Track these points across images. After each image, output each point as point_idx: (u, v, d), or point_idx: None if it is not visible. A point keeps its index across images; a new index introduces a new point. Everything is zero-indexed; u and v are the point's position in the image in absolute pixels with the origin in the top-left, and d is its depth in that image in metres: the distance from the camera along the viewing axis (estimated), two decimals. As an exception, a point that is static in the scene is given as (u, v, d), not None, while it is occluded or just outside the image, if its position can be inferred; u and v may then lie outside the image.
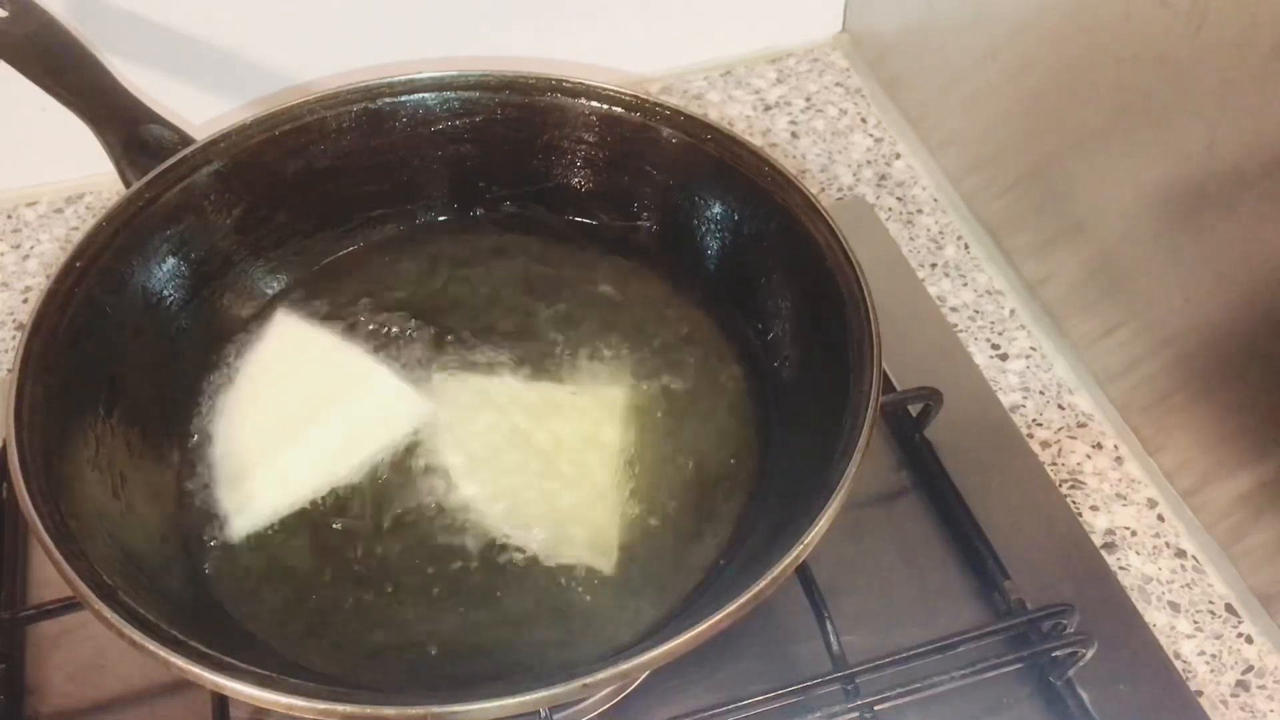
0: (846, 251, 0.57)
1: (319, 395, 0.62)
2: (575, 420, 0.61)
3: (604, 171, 0.69)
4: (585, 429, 0.61)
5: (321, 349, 0.64)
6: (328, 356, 0.64)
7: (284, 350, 0.65)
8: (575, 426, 0.61)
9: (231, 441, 0.61)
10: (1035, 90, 0.72)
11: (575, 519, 0.58)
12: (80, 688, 0.58)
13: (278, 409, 0.62)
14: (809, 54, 0.96)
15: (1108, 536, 0.66)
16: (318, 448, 0.60)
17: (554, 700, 0.45)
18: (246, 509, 0.58)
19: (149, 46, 0.80)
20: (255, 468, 0.59)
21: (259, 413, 0.62)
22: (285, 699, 0.44)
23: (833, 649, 0.56)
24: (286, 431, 0.61)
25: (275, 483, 0.59)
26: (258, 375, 0.63)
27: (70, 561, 0.47)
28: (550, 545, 0.57)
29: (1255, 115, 0.56)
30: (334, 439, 0.60)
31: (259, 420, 0.61)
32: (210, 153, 0.63)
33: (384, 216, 0.71)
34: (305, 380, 0.63)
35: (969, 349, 0.75)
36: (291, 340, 0.65)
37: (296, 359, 0.64)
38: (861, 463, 0.50)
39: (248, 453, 0.60)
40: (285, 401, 0.62)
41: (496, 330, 0.66)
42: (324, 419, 0.61)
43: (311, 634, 0.54)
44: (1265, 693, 0.60)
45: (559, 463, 0.60)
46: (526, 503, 0.58)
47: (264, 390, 0.63)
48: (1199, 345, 0.63)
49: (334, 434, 0.60)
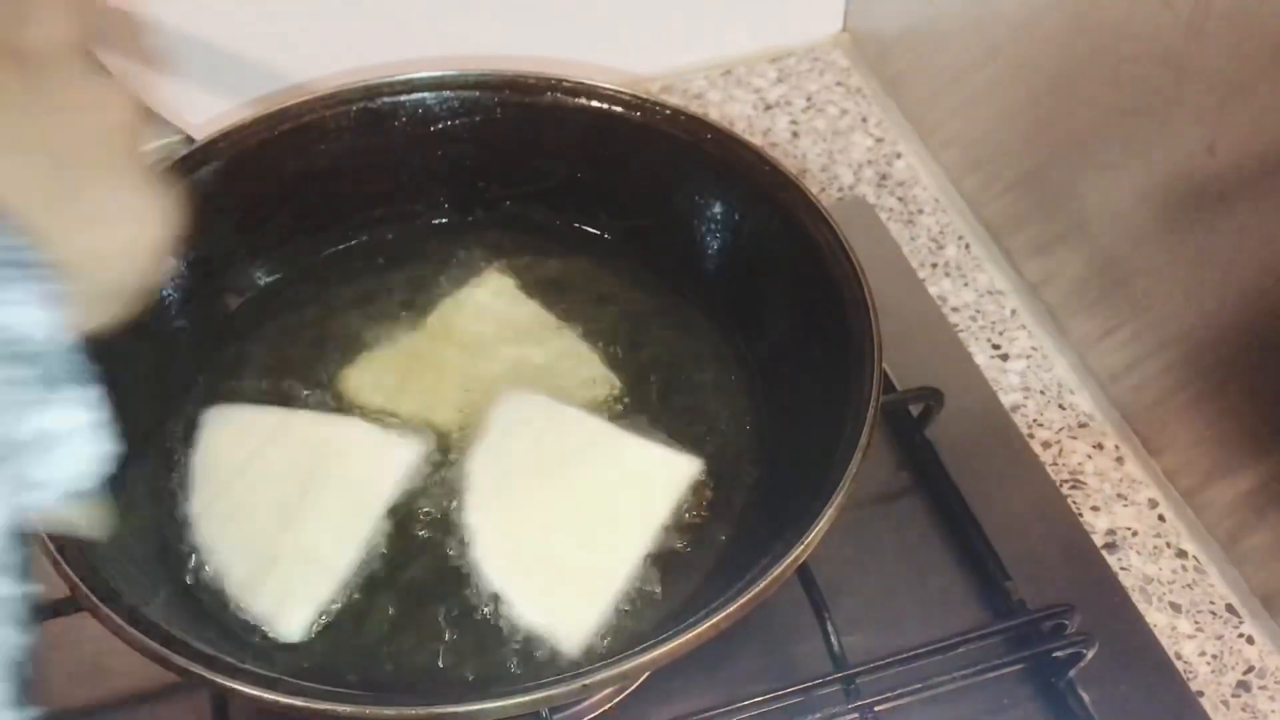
0: (847, 251, 0.57)
1: (296, 473, 0.58)
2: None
3: (604, 171, 0.69)
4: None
5: (271, 427, 0.60)
6: (284, 432, 0.60)
7: (232, 439, 0.60)
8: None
9: (228, 548, 0.56)
10: (1036, 90, 0.72)
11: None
12: (80, 688, 0.58)
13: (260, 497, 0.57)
14: (809, 53, 0.96)
15: (1109, 537, 0.66)
16: (326, 520, 0.56)
17: (554, 700, 0.45)
18: (288, 610, 0.54)
19: (149, 46, 0.80)
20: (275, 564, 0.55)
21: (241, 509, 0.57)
22: (285, 699, 0.44)
23: (833, 649, 0.56)
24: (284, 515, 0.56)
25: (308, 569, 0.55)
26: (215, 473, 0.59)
27: (70, 561, 0.47)
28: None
29: (1255, 115, 0.55)
30: (335, 507, 0.57)
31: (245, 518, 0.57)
32: (210, 153, 0.63)
33: (384, 216, 0.71)
34: (273, 462, 0.59)
35: (970, 349, 0.74)
36: (235, 428, 0.61)
37: (251, 444, 0.59)
38: (861, 463, 0.50)
39: (256, 553, 0.55)
40: (266, 488, 0.58)
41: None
42: (316, 491, 0.57)
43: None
44: (1266, 693, 0.60)
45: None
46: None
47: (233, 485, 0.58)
48: (1200, 345, 0.63)
49: (334, 501, 0.57)
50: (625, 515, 0.58)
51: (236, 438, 0.60)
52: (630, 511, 0.58)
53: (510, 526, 0.57)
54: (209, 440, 0.60)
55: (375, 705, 0.44)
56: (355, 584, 0.56)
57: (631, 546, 0.56)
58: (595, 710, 0.57)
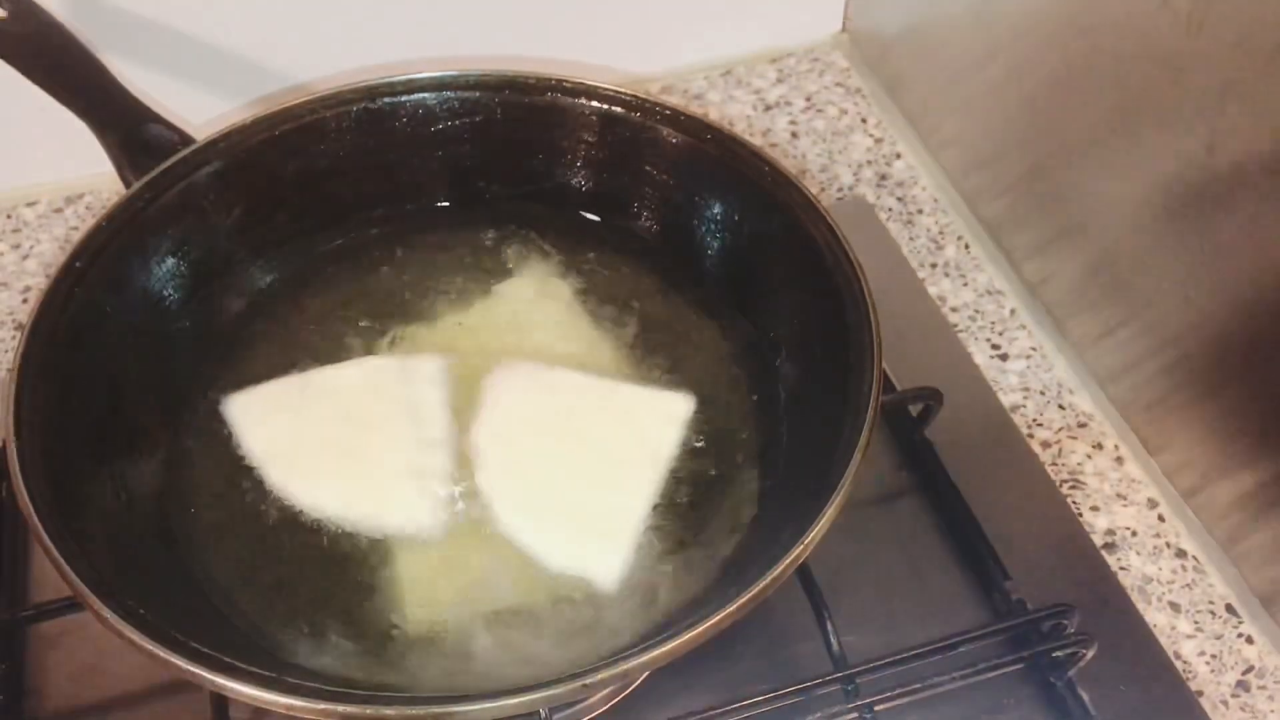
0: (847, 251, 0.57)
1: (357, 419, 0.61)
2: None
3: (604, 171, 0.69)
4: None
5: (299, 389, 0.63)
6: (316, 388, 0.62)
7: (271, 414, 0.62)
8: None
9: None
10: (1036, 90, 0.72)
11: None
12: (80, 688, 0.58)
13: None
14: (809, 54, 0.96)
15: (1108, 536, 0.66)
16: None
17: (554, 700, 0.45)
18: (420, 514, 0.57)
19: (149, 46, 0.80)
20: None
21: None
22: (285, 699, 0.44)
23: (833, 649, 0.56)
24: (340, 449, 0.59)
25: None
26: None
27: (70, 561, 0.47)
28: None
29: (1255, 115, 0.56)
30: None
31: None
32: (210, 153, 0.63)
33: (384, 216, 0.70)
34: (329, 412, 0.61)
35: (969, 349, 0.74)
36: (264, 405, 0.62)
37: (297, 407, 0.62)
38: (861, 463, 0.50)
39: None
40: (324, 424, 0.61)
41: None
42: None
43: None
44: (1266, 693, 0.60)
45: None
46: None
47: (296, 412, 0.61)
48: (1200, 345, 0.63)
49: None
50: (633, 455, 0.59)
51: (274, 414, 0.61)
52: (637, 452, 0.59)
53: (526, 485, 0.58)
54: (249, 426, 0.61)
55: (375, 705, 0.44)
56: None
57: (645, 482, 0.58)
58: (595, 710, 0.57)
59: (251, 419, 0.61)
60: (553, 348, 0.65)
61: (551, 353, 0.65)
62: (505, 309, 0.67)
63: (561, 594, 0.55)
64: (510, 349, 0.65)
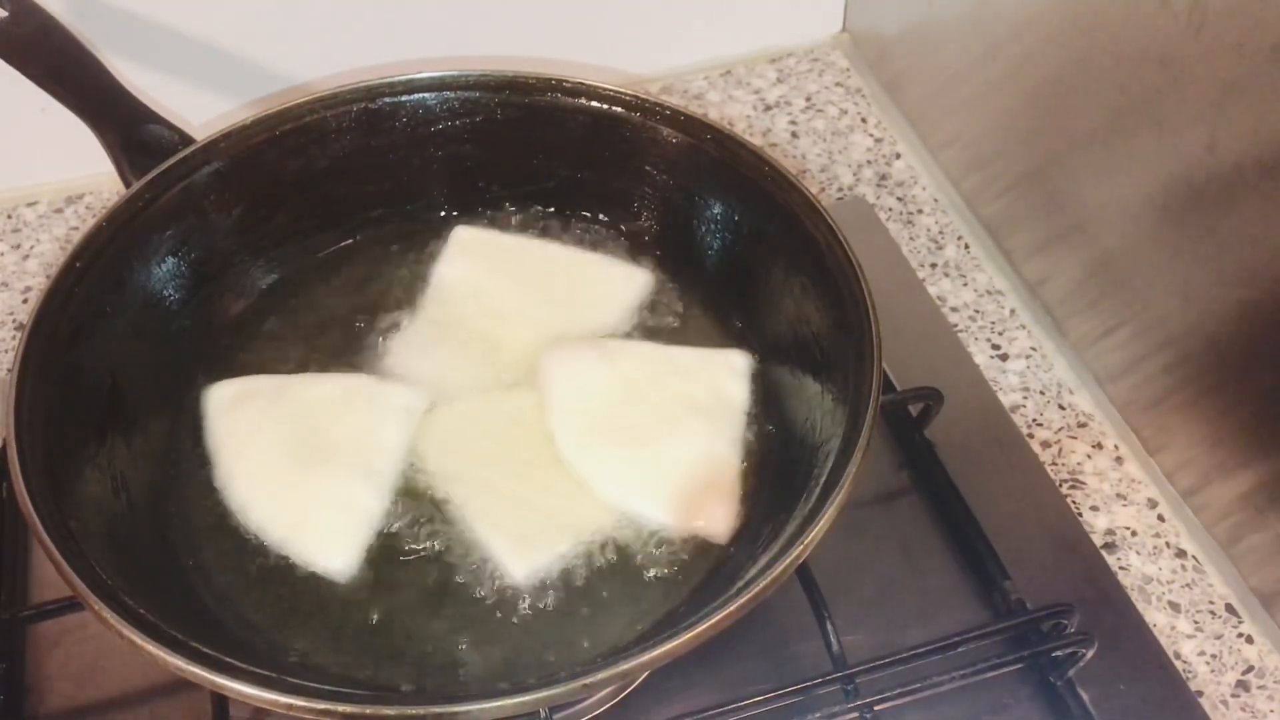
0: (847, 251, 0.57)
1: (314, 426, 0.60)
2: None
3: (604, 171, 0.69)
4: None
5: (271, 390, 0.62)
6: (283, 393, 0.62)
7: (238, 409, 0.61)
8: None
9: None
10: (1035, 90, 0.72)
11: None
12: (80, 688, 0.58)
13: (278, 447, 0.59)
14: (809, 54, 0.96)
15: (1108, 536, 0.66)
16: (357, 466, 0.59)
17: (554, 700, 0.45)
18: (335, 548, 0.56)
19: (149, 46, 0.80)
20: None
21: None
22: (285, 699, 0.44)
23: (833, 649, 0.56)
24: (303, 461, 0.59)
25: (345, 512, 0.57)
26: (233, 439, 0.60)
27: (70, 561, 0.47)
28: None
29: (1255, 115, 0.56)
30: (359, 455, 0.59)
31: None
32: (210, 153, 0.63)
33: (384, 216, 0.71)
34: (281, 421, 0.60)
35: (969, 349, 0.74)
36: (236, 397, 0.62)
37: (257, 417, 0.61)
38: (861, 463, 0.50)
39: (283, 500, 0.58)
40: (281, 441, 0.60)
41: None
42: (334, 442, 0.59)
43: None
44: (1265, 693, 0.60)
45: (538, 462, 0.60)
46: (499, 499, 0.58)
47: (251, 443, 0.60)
48: (1199, 345, 0.63)
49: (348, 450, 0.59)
50: (711, 409, 0.61)
51: (241, 407, 0.61)
52: (713, 405, 0.61)
53: (608, 453, 0.59)
54: (215, 416, 0.61)
55: (375, 705, 0.44)
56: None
57: (732, 436, 0.60)
58: (595, 710, 0.57)
59: (219, 409, 0.61)
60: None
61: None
62: (501, 314, 0.67)
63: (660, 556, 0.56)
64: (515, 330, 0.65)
